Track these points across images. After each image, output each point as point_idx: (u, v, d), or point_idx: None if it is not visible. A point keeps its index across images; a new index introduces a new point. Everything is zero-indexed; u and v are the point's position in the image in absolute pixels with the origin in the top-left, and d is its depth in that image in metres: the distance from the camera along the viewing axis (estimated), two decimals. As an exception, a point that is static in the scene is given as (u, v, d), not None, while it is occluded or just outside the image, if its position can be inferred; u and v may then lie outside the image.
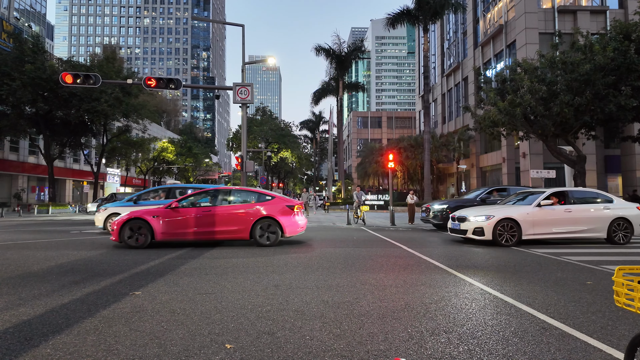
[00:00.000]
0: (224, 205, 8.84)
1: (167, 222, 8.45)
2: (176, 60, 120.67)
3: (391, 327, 3.32)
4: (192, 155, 56.62)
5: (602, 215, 9.15)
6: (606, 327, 3.36)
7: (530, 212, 8.93)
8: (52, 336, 3.07)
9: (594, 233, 9.10)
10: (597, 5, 27.52)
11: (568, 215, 9.03)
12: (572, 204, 9.23)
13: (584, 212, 9.14)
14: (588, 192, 9.85)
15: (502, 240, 8.75)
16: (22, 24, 48.51)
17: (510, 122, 18.80)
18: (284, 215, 8.83)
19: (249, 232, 8.61)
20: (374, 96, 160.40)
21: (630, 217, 9.21)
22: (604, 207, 9.24)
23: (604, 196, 9.60)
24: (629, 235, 9.16)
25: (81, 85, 13.93)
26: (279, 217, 8.75)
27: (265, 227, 8.74)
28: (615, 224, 9.15)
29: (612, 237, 9.12)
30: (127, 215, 8.49)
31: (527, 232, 8.81)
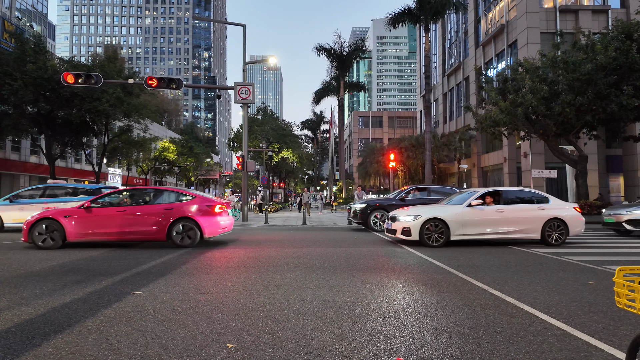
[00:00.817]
0: (140, 205, 8.57)
1: (79, 223, 8.20)
2: (177, 60, 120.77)
3: (392, 326, 3.32)
4: (193, 155, 56.67)
5: (536, 216, 8.93)
6: (608, 327, 3.36)
7: (459, 212, 8.73)
8: (53, 335, 3.08)
9: (527, 234, 8.89)
10: (599, 5, 27.46)
11: (500, 215, 8.82)
12: (505, 204, 9.00)
13: (517, 213, 8.92)
14: (524, 191, 9.55)
15: (429, 240, 8.57)
16: (23, 24, 48.61)
17: (512, 122, 18.79)
18: (203, 215, 8.52)
19: (165, 232, 8.34)
20: (375, 96, 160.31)
21: (566, 218, 8.99)
22: (539, 207, 9.02)
23: (540, 196, 9.36)
24: (564, 236, 8.93)
25: (83, 85, 13.97)
26: (198, 217, 8.45)
27: (183, 227, 8.44)
28: (549, 224, 8.93)
29: (546, 237, 8.90)
30: (38, 215, 8.27)
31: (456, 232, 8.62)
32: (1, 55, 21.05)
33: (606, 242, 10.02)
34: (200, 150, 59.67)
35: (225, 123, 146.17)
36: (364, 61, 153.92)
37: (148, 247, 8.71)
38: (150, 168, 50.74)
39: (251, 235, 11.59)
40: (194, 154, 56.79)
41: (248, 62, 17.25)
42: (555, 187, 27.27)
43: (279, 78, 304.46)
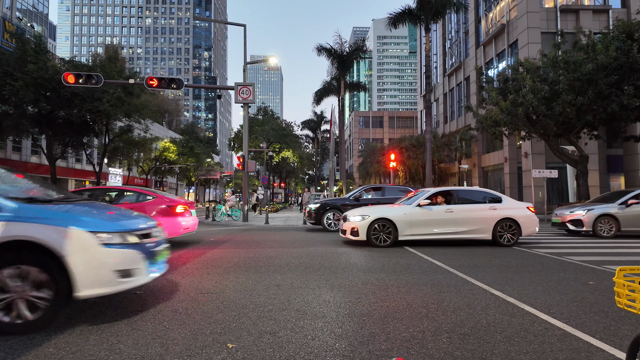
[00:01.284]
0: None
1: None
2: (178, 60, 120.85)
3: (393, 327, 3.32)
4: (193, 155, 56.69)
5: (487, 216, 8.78)
6: (609, 327, 3.36)
7: (408, 212, 8.64)
8: (54, 335, 3.08)
9: (478, 234, 8.75)
10: (600, 5, 27.44)
11: (449, 215, 8.72)
12: (457, 204, 8.90)
13: (467, 213, 8.79)
14: (477, 191, 9.40)
15: (377, 240, 8.50)
16: (24, 24, 48.67)
17: (512, 122, 18.78)
18: (163, 216, 8.35)
19: None
20: (376, 96, 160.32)
21: (518, 218, 8.83)
22: (490, 207, 8.88)
23: (493, 196, 9.22)
24: (516, 237, 8.78)
25: (83, 85, 13.98)
26: (158, 218, 8.21)
27: None
28: (501, 224, 8.78)
29: (498, 238, 8.76)
30: None
31: (404, 232, 8.55)
32: (2, 55, 21.07)
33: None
34: (200, 151, 59.69)
35: (225, 123, 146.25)
36: (364, 61, 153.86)
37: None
38: (150, 168, 50.78)
39: (251, 235, 11.60)
40: (194, 154, 56.81)
41: (248, 62, 17.26)
42: (556, 187, 27.25)
43: (280, 78, 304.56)
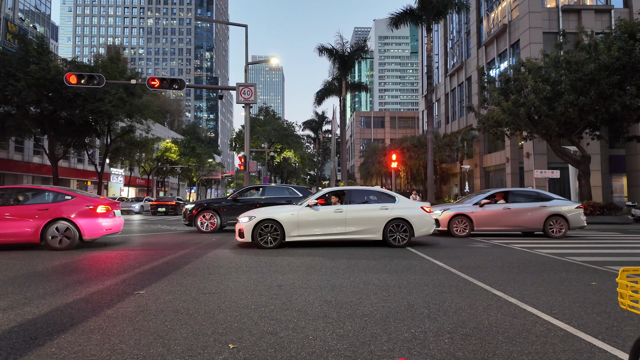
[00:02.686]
0: (10, 206, 8.06)
1: None
2: (179, 61, 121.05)
3: (394, 327, 3.32)
4: (195, 156, 56.79)
5: (377, 216, 8.65)
6: (611, 328, 3.34)
7: (296, 212, 8.46)
8: (56, 335, 3.09)
9: (368, 234, 8.61)
10: (602, 5, 27.36)
11: (338, 215, 8.54)
12: (349, 204, 8.72)
13: (357, 213, 8.62)
14: (369, 191, 9.19)
15: (262, 242, 8.31)
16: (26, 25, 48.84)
17: (514, 122, 18.75)
18: (83, 216, 8.10)
19: (39, 234, 7.91)
20: (377, 96, 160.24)
21: (410, 218, 8.71)
22: (382, 207, 8.73)
23: (387, 196, 9.10)
24: (408, 237, 8.68)
25: (85, 85, 14.01)
26: (77, 218, 8.05)
27: (59, 229, 8.00)
28: (392, 225, 8.66)
29: (388, 238, 8.63)
30: None
31: (291, 233, 8.38)
32: (4, 56, 21.14)
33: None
34: (202, 151, 59.81)
35: (227, 123, 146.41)
36: (366, 61, 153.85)
37: (149, 247, 8.73)
38: (152, 168, 50.86)
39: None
40: (196, 154, 56.92)
41: (250, 62, 17.27)
42: (558, 187, 27.18)
43: (281, 78, 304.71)
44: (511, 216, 11.17)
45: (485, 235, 11.71)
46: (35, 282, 5.02)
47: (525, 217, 11.18)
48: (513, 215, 11.18)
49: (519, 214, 11.19)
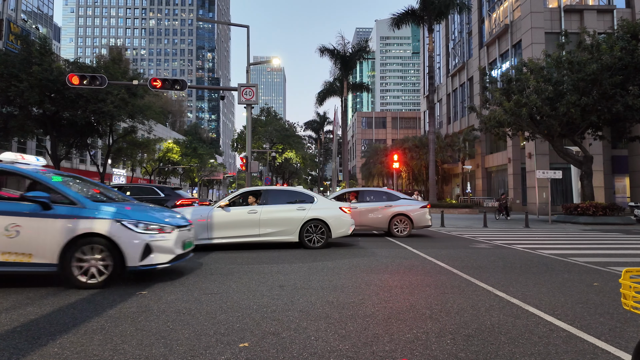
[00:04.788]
0: None
1: None
2: (181, 61, 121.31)
3: (396, 328, 3.31)
4: (197, 156, 56.87)
5: (294, 217, 8.36)
6: (614, 329, 3.33)
7: (205, 214, 8.04)
8: (59, 335, 3.10)
9: (284, 236, 8.29)
10: (604, 5, 27.31)
11: (252, 217, 8.19)
12: (264, 205, 8.42)
13: (272, 214, 8.30)
14: (288, 191, 8.94)
15: None
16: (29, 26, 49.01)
17: (516, 122, 18.72)
18: None
19: None
20: (379, 96, 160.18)
21: (327, 219, 8.45)
22: (299, 207, 8.46)
23: (305, 196, 8.83)
24: (325, 239, 8.41)
25: (88, 86, 14.04)
26: None
27: None
28: (309, 226, 8.40)
29: (304, 239, 8.36)
30: None
31: (201, 236, 7.92)
32: (7, 57, 21.21)
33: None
34: (204, 151, 59.88)
35: (228, 124, 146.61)
36: (367, 62, 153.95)
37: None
38: (154, 169, 50.95)
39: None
40: (197, 154, 57.00)
41: (252, 63, 17.28)
42: (560, 188, 27.12)
43: (283, 79, 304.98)
44: (357, 216, 10.86)
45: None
46: (38, 282, 5.03)
47: (371, 217, 11.04)
48: (359, 215, 10.95)
49: (365, 214, 11.02)
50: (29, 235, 4.54)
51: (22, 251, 4.54)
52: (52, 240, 4.58)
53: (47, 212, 4.60)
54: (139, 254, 4.77)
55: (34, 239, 4.55)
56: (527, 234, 12.32)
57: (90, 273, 4.67)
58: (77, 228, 4.62)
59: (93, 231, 4.66)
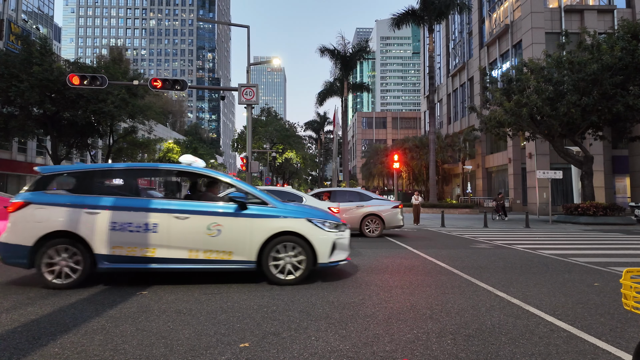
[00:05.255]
0: None
1: None
2: (182, 62, 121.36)
3: (397, 328, 3.31)
4: (197, 156, 56.84)
5: None
6: (615, 329, 3.33)
7: None
8: (59, 335, 3.10)
9: None
10: (605, 5, 27.30)
11: None
12: None
13: None
14: (276, 191, 8.80)
15: None
16: (30, 26, 49.05)
17: (517, 123, 18.71)
18: None
19: None
20: (379, 97, 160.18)
21: None
22: None
23: (293, 195, 8.74)
24: None
25: (88, 86, 14.05)
26: None
27: None
28: None
29: None
30: None
31: None
32: (8, 57, 21.23)
33: None
34: (204, 151, 59.90)
35: (229, 124, 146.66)
36: (367, 62, 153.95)
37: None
38: (154, 169, 50.94)
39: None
40: (198, 155, 56.99)
41: (252, 63, 17.29)
42: (561, 188, 27.12)
43: (283, 79, 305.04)
44: None
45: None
46: (38, 282, 5.03)
47: (344, 217, 10.97)
48: None
49: (338, 214, 10.88)
50: (229, 234, 4.78)
51: (223, 249, 4.79)
52: (250, 238, 4.83)
53: (243, 212, 4.86)
54: (328, 251, 5.02)
55: (234, 238, 4.80)
56: (527, 234, 12.32)
57: (287, 270, 4.92)
58: (273, 227, 4.88)
59: (288, 230, 4.91)
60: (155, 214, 4.72)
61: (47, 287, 4.61)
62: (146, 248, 4.68)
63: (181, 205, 4.82)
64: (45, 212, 4.66)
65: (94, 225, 4.63)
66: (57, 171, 5.03)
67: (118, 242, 4.66)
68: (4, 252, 4.69)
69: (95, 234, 4.63)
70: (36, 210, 4.67)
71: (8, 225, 4.72)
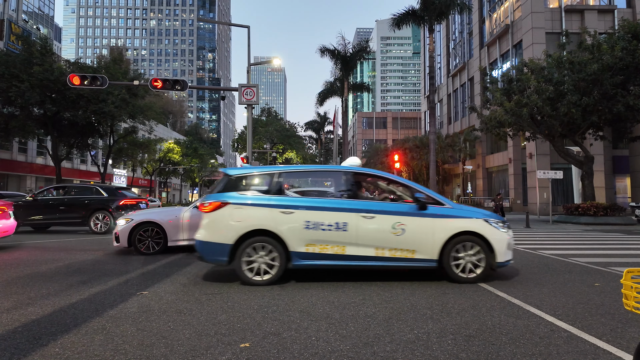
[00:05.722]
0: None
1: None
2: (182, 62, 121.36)
3: (397, 328, 3.31)
4: (197, 156, 56.85)
5: None
6: (615, 329, 3.33)
7: (179, 214, 7.71)
8: (60, 336, 3.10)
9: None
10: (605, 5, 27.28)
11: None
12: None
13: None
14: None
15: (142, 247, 7.57)
16: (30, 26, 49.08)
17: (517, 123, 18.70)
18: None
19: None
20: (379, 97, 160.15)
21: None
22: None
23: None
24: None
25: (88, 86, 14.06)
26: None
27: None
28: None
29: None
30: None
31: (175, 237, 7.62)
32: (8, 57, 21.24)
33: None
34: (204, 152, 59.84)
35: (229, 124, 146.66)
36: (368, 62, 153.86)
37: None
38: (155, 169, 50.95)
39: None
40: (198, 155, 56.97)
41: (252, 63, 17.28)
42: (561, 188, 27.09)
43: (283, 79, 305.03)
44: None
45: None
46: (39, 282, 5.03)
47: None
48: None
49: None
50: (413, 233, 4.95)
51: (407, 248, 4.97)
52: (432, 238, 4.98)
53: (424, 212, 5.02)
54: (504, 250, 5.11)
55: (417, 237, 4.96)
56: (528, 234, 12.31)
57: (468, 268, 5.07)
58: (453, 227, 5.01)
59: (469, 230, 5.04)
60: (344, 213, 4.96)
61: (247, 283, 4.88)
62: (337, 246, 4.93)
63: (367, 205, 5.06)
64: (243, 211, 4.94)
65: (290, 224, 4.90)
66: (244, 173, 5.33)
67: (311, 240, 4.91)
68: (204, 250, 4.98)
69: (290, 232, 4.89)
70: (235, 210, 4.95)
71: (204, 224, 5.00)
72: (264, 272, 4.91)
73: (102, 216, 12.18)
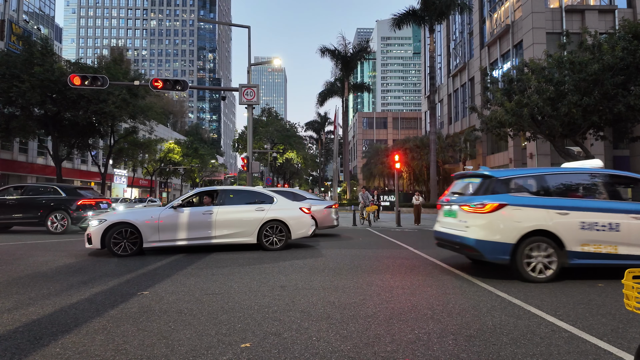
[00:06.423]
0: None
1: None
2: (182, 62, 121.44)
3: (398, 328, 3.31)
4: (198, 156, 56.91)
5: (252, 218, 8.02)
6: (616, 329, 3.33)
7: (155, 215, 7.55)
8: (61, 336, 3.10)
9: (241, 237, 7.99)
10: (606, 5, 27.26)
11: (207, 218, 7.77)
12: (221, 206, 8.01)
13: (228, 215, 7.88)
14: (247, 191, 8.48)
15: (117, 249, 7.35)
16: (31, 27, 49.12)
17: (518, 123, 18.68)
18: None
19: None
20: (380, 97, 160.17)
21: (287, 220, 8.24)
22: (257, 208, 8.17)
23: (264, 196, 8.39)
24: (284, 240, 8.21)
25: (89, 87, 14.06)
26: None
27: None
28: (268, 227, 8.17)
29: (263, 241, 8.10)
30: None
31: (150, 238, 7.43)
32: (9, 57, 21.27)
33: None
34: (205, 152, 59.90)
35: (229, 124, 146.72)
36: (368, 62, 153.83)
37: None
38: (155, 169, 50.99)
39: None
40: (198, 155, 57.03)
41: (253, 63, 17.28)
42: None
43: (284, 79, 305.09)
44: None
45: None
46: (40, 282, 5.04)
47: None
48: None
49: None
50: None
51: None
52: None
53: None
54: None
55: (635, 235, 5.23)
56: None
57: None
58: None
59: None
60: (616, 214, 5.24)
61: (527, 280, 5.11)
62: (610, 245, 5.18)
63: (636, 206, 5.37)
64: (521, 212, 5.20)
65: (566, 224, 5.15)
66: (511, 175, 5.55)
67: (586, 240, 5.16)
68: (486, 250, 5.21)
69: (567, 232, 5.14)
70: (514, 211, 5.21)
71: (481, 224, 5.27)
72: (540, 270, 5.16)
73: (60, 216, 12.00)
